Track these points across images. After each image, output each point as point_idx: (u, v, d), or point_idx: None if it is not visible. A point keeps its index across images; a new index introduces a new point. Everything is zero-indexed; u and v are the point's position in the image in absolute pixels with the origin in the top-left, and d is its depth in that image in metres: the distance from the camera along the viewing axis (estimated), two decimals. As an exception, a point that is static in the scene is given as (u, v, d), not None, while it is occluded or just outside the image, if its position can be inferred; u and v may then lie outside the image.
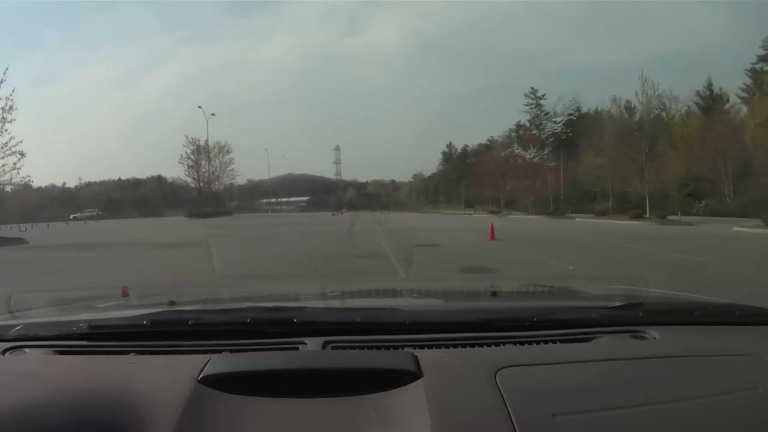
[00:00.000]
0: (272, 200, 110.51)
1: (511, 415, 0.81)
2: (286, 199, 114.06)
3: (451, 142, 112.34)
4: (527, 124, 75.37)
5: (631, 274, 8.17)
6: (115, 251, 16.49)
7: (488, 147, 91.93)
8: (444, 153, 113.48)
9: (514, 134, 72.56)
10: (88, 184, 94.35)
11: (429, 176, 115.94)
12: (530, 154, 61.41)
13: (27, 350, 1.19)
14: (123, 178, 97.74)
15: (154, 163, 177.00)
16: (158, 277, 9.40)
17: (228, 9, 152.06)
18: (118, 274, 10.04)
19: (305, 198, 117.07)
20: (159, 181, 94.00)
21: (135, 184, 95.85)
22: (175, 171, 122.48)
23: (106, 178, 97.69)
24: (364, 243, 17.00)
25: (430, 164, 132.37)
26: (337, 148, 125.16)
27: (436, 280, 5.99)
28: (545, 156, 60.34)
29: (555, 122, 71.10)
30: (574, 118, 66.10)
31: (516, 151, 67.20)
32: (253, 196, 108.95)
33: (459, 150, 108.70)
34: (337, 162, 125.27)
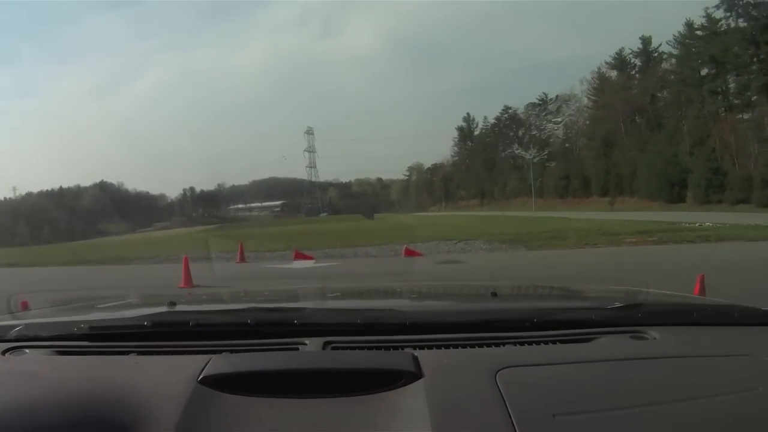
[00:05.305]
0: (240, 206, 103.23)
1: (512, 416, 0.82)
2: (257, 204, 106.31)
3: (468, 114, 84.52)
4: (718, 11, 40.13)
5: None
6: None
7: (542, 106, 65.92)
8: (460, 130, 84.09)
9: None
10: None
11: (430, 167, 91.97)
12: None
13: (27, 351, 1.19)
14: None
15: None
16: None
17: (202, 16, 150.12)
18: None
19: (278, 202, 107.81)
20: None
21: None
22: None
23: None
24: None
25: (425, 157, 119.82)
26: (309, 131, 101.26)
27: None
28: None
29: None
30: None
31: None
32: (217, 203, 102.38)
33: (488, 120, 77.69)
34: (311, 150, 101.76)
